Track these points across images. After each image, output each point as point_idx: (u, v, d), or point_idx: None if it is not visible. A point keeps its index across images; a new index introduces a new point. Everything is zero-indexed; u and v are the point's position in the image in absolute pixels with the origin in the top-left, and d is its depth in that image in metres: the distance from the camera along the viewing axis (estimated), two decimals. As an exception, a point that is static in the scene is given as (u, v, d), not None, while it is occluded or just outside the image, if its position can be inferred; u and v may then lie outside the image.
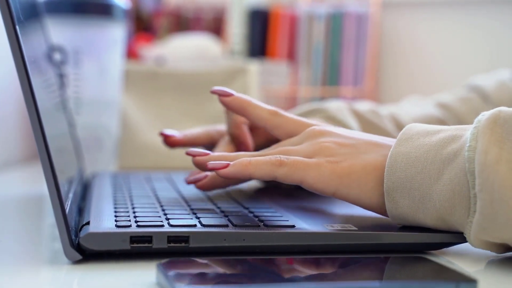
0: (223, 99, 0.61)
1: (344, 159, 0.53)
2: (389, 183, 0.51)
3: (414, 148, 0.51)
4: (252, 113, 0.60)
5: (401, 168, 0.51)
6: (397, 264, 0.46)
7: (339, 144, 0.55)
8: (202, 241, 0.48)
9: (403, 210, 0.51)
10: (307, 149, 0.55)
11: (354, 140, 0.55)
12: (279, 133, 0.60)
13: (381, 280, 0.41)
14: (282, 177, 0.52)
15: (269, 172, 0.52)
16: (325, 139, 0.55)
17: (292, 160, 0.53)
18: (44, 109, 0.48)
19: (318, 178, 0.52)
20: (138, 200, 0.60)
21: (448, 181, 0.49)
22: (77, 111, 0.91)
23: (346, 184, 0.52)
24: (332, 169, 0.52)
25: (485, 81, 0.88)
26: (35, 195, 0.79)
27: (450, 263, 0.49)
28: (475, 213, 0.47)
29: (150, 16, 2.30)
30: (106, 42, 0.91)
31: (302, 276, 0.41)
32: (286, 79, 2.71)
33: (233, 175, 0.53)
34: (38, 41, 0.63)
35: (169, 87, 1.17)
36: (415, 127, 0.53)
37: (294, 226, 0.51)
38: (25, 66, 0.44)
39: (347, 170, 0.52)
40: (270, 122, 0.60)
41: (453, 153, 0.49)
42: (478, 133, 0.48)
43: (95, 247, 0.46)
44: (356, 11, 2.83)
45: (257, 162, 0.53)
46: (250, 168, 0.52)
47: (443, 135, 0.51)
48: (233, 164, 0.53)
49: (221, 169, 0.53)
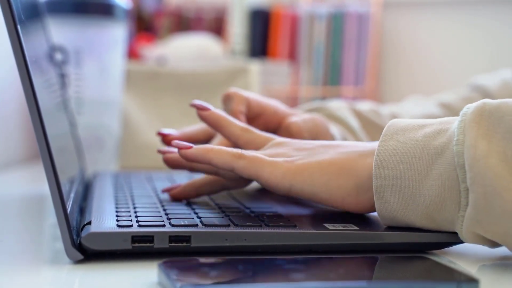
0: (200, 113, 0.63)
1: (300, 159, 0.55)
2: (377, 182, 0.51)
3: (401, 144, 0.51)
4: (226, 128, 0.62)
5: (389, 166, 0.51)
6: (398, 264, 0.46)
7: (298, 149, 0.57)
8: (204, 240, 0.48)
9: (393, 208, 0.51)
10: (268, 152, 0.57)
11: (312, 145, 0.57)
12: (250, 148, 0.62)
13: (382, 280, 0.41)
14: (240, 169, 0.55)
15: (229, 162, 0.55)
16: (286, 147, 0.58)
17: (252, 155, 0.55)
18: (45, 109, 0.48)
19: (273, 174, 0.54)
20: (140, 200, 0.60)
21: (438, 176, 0.49)
22: (78, 111, 0.91)
23: (300, 180, 0.54)
24: (288, 167, 0.54)
25: (488, 81, 0.88)
26: (36, 194, 0.79)
27: (451, 262, 0.49)
28: (466, 207, 0.48)
29: (151, 16, 2.31)
30: (107, 42, 0.91)
31: (303, 275, 0.41)
32: (287, 79, 2.71)
33: (193, 156, 0.55)
34: (39, 41, 0.63)
35: (170, 87, 1.17)
36: (399, 122, 0.54)
37: (295, 225, 0.51)
38: (26, 66, 0.44)
39: (302, 167, 0.54)
40: (242, 138, 0.62)
41: (441, 147, 0.49)
42: (465, 127, 0.48)
43: (97, 246, 0.46)
44: (357, 11, 2.83)
45: (219, 150, 0.55)
46: (211, 154, 0.55)
47: (428, 129, 0.51)
48: (196, 147, 0.56)
49: (184, 148, 0.56)
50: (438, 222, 0.50)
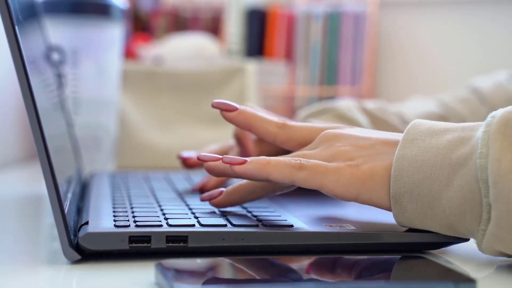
0: (226, 115, 0.57)
1: (363, 162, 0.51)
2: (395, 189, 0.49)
3: (421, 151, 0.49)
4: (259, 128, 0.57)
5: (408, 173, 0.49)
6: (396, 264, 0.46)
7: (356, 146, 0.52)
8: (201, 241, 0.48)
9: (410, 215, 0.49)
10: (325, 153, 0.53)
11: (371, 141, 0.53)
12: (291, 145, 0.57)
13: (380, 280, 0.41)
14: (301, 181, 0.50)
15: (288, 174, 0.50)
16: (342, 142, 0.53)
17: (312, 164, 0.50)
18: (42, 109, 0.48)
19: (338, 183, 0.50)
20: (137, 200, 0.60)
21: (459, 187, 0.47)
22: (76, 111, 0.91)
23: (369, 188, 0.50)
24: (353, 173, 0.50)
25: (483, 83, 0.88)
26: (33, 195, 0.79)
27: (449, 263, 0.49)
28: (488, 222, 0.46)
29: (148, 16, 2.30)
30: (104, 42, 0.91)
31: (301, 276, 0.41)
32: (283, 79, 2.71)
33: (250, 173, 0.50)
34: (36, 41, 0.63)
35: (167, 87, 1.17)
36: (419, 125, 0.51)
37: (292, 225, 0.51)
38: (24, 66, 0.44)
39: (368, 173, 0.50)
40: (280, 136, 0.57)
41: (463, 158, 0.47)
42: (489, 139, 0.46)
43: (94, 247, 0.46)
44: (353, 10, 2.83)
45: (277, 163, 0.50)
46: (269, 168, 0.50)
47: (450, 136, 0.49)
48: (250, 161, 0.50)
49: (238, 164, 0.50)
50: (458, 230, 0.48)
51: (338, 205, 0.64)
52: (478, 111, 0.84)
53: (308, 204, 0.62)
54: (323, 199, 0.66)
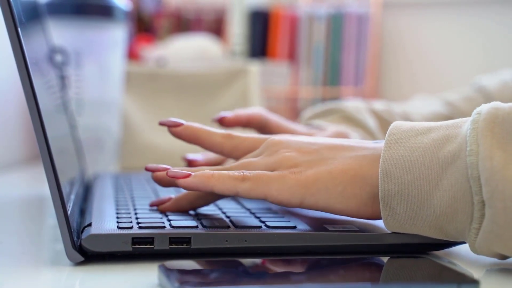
0: (173, 130, 0.60)
1: (308, 167, 0.51)
2: (384, 191, 0.49)
3: (407, 151, 0.49)
4: (206, 140, 0.59)
5: (396, 175, 0.49)
6: (399, 265, 0.46)
7: (301, 152, 0.53)
8: (204, 242, 0.48)
9: (400, 218, 0.49)
10: (269, 160, 0.53)
11: (315, 146, 0.53)
12: (237, 155, 0.58)
13: (383, 281, 0.41)
14: (245, 192, 0.51)
15: (232, 186, 0.51)
16: (286, 148, 0.54)
17: (255, 174, 0.51)
18: (45, 111, 0.48)
19: (282, 191, 0.51)
20: (140, 201, 0.60)
21: (449, 186, 0.47)
22: (78, 112, 0.91)
23: (313, 192, 0.50)
24: (297, 180, 0.51)
25: (489, 81, 0.88)
26: (36, 196, 0.79)
27: (451, 263, 0.49)
28: (481, 219, 0.46)
29: (151, 17, 2.30)
30: (107, 44, 0.91)
31: (303, 277, 0.41)
32: (286, 80, 2.71)
33: (194, 186, 0.51)
34: (39, 43, 0.63)
35: (170, 88, 1.17)
36: (401, 125, 0.51)
37: (295, 227, 0.51)
38: (27, 67, 0.44)
39: (312, 178, 0.51)
40: (226, 146, 0.58)
41: (451, 156, 0.47)
42: (478, 136, 0.46)
43: (97, 248, 0.46)
44: (356, 11, 2.83)
45: (220, 176, 0.51)
46: (212, 181, 0.51)
47: (435, 134, 0.49)
48: (195, 175, 0.51)
49: (182, 178, 0.51)
50: (447, 232, 0.48)
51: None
52: None
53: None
54: None
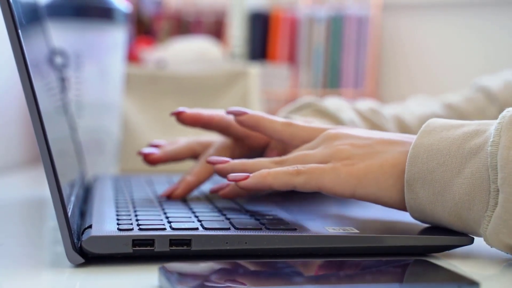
0: (238, 118, 0.62)
1: (360, 160, 0.54)
2: (409, 174, 0.51)
3: (437, 141, 0.51)
4: (266, 127, 0.62)
5: (423, 160, 0.51)
6: (399, 267, 0.46)
7: (354, 145, 0.55)
8: (204, 244, 0.48)
9: (422, 201, 0.51)
10: (323, 152, 0.56)
11: (369, 140, 0.56)
12: (295, 142, 0.61)
13: (383, 283, 0.41)
14: (301, 186, 0.54)
15: (287, 181, 0.54)
16: (340, 141, 0.56)
17: (309, 168, 0.54)
18: (46, 112, 0.48)
19: (335, 182, 0.53)
20: (140, 203, 0.60)
21: (470, 174, 0.49)
22: (79, 114, 0.91)
23: (364, 185, 0.53)
24: (349, 171, 0.53)
25: (491, 81, 0.88)
26: (37, 198, 0.79)
27: (452, 265, 0.49)
28: (494, 207, 0.48)
29: (151, 20, 2.31)
30: (107, 46, 0.92)
31: (303, 279, 0.41)
32: (286, 82, 2.71)
33: (253, 187, 0.55)
34: (39, 45, 0.63)
35: (170, 90, 1.17)
36: (439, 120, 0.54)
37: (295, 229, 0.51)
38: (27, 69, 0.44)
39: (364, 171, 0.53)
40: (285, 133, 0.61)
41: (476, 147, 0.49)
42: (502, 129, 0.48)
43: (97, 250, 0.46)
44: (356, 13, 2.83)
45: (276, 173, 0.54)
46: (269, 179, 0.54)
47: (466, 129, 0.51)
48: (252, 176, 0.55)
49: (241, 180, 0.55)
50: (465, 221, 0.50)
51: (341, 208, 0.64)
52: (485, 109, 0.85)
53: (311, 207, 0.62)
54: (326, 202, 0.66)
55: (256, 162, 0.58)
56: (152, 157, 0.70)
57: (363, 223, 0.55)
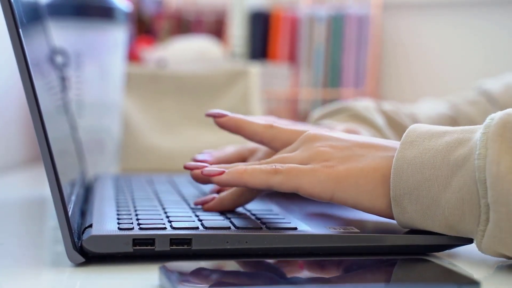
0: (217, 121, 0.61)
1: (340, 163, 0.52)
2: (395, 190, 0.50)
3: (420, 153, 0.50)
4: (247, 129, 0.60)
5: (408, 175, 0.49)
6: (400, 266, 0.46)
7: (335, 147, 0.54)
8: (205, 243, 0.48)
9: (411, 216, 0.50)
10: (303, 154, 0.54)
11: (349, 143, 0.54)
12: (275, 145, 0.59)
13: (384, 282, 0.41)
14: (277, 185, 0.52)
15: (264, 180, 0.52)
16: (320, 143, 0.55)
17: (287, 168, 0.52)
18: (46, 112, 0.48)
19: (314, 184, 0.51)
20: (140, 203, 0.60)
21: (457, 189, 0.48)
22: (79, 114, 0.91)
23: (344, 188, 0.51)
24: (328, 174, 0.52)
25: (492, 85, 0.88)
26: (37, 197, 0.79)
27: (452, 265, 0.49)
28: (487, 222, 0.47)
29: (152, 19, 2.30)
30: (107, 45, 0.92)
31: (304, 278, 0.41)
32: (287, 81, 2.71)
33: (228, 182, 0.53)
34: (40, 44, 0.63)
35: (171, 90, 1.17)
36: (418, 128, 0.52)
37: (296, 228, 0.51)
38: (28, 69, 0.44)
39: (344, 174, 0.52)
40: (266, 135, 0.60)
41: (461, 159, 0.48)
42: (487, 140, 0.46)
43: (98, 249, 0.46)
44: (357, 13, 2.83)
45: (253, 170, 0.53)
46: (245, 176, 0.53)
47: (449, 138, 0.50)
48: (228, 172, 0.53)
49: (216, 175, 0.53)
50: (458, 230, 0.49)
51: (341, 207, 0.64)
52: (487, 112, 0.85)
53: (312, 207, 0.62)
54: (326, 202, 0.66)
55: (236, 163, 0.56)
56: None
57: (363, 223, 0.55)
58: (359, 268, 0.44)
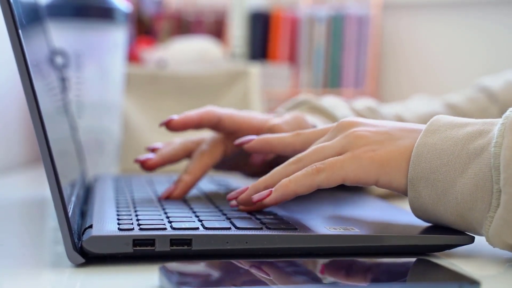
0: (246, 147, 0.62)
1: (380, 147, 0.53)
2: (413, 173, 0.51)
3: (441, 140, 0.51)
4: (277, 145, 0.61)
5: (426, 159, 0.51)
6: (400, 266, 0.46)
7: (372, 132, 0.54)
8: (205, 243, 0.48)
9: (424, 201, 0.51)
10: (341, 141, 0.54)
11: (386, 127, 0.55)
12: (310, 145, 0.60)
13: (384, 283, 0.41)
14: (325, 183, 0.53)
15: (310, 183, 0.53)
16: (357, 128, 0.55)
17: (329, 163, 0.53)
18: (46, 113, 0.48)
19: (358, 171, 0.52)
20: (141, 203, 0.60)
21: (473, 175, 0.49)
22: (79, 115, 0.91)
23: (387, 172, 0.52)
24: (371, 158, 0.52)
25: (492, 82, 0.88)
26: (37, 198, 0.79)
27: (452, 265, 0.49)
28: (497, 208, 0.48)
29: (152, 20, 2.30)
30: (107, 46, 0.92)
31: (304, 278, 0.41)
32: (287, 82, 2.71)
33: (279, 199, 0.54)
34: (40, 45, 0.63)
35: (171, 90, 1.17)
36: (443, 118, 0.53)
37: (296, 228, 0.51)
38: (27, 70, 0.44)
39: (386, 157, 0.52)
40: (298, 143, 0.60)
41: (480, 148, 0.49)
42: (505, 129, 0.48)
43: (98, 250, 0.46)
44: (356, 13, 2.83)
45: (296, 178, 0.53)
46: (291, 187, 0.53)
47: (470, 128, 0.51)
48: (275, 190, 0.54)
49: (266, 198, 0.54)
50: (467, 220, 0.50)
51: (341, 207, 0.64)
52: (486, 109, 0.85)
53: (312, 207, 0.62)
54: (327, 202, 0.66)
55: (274, 173, 0.56)
56: (149, 163, 0.69)
57: (363, 223, 0.55)
58: (359, 268, 0.44)
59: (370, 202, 0.68)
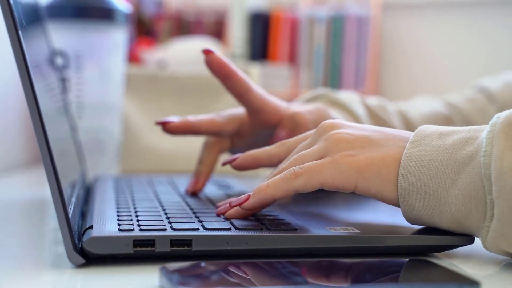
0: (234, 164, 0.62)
1: (360, 152, 0.52)
2: (403, 187, 0.50)
3: (428, 151, 0.50)
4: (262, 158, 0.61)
5: (415, 172, 0.50)
6: (400, 267, 0.46)
7: (353, 135, 0.53)
8: (205, 244, 0.48)
9: (418, 213, 0.51)
10: (320, 146, 0.54)
11: (367, 132, 0.54)
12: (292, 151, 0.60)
13: (384, 283, 0.41)
14: (302, 187, 0.52)
15: (288, 187, 0.52)
16: (338, 130, 0.54)
17: (307, 167, 0.52)
18: (46, 113, 0.48)
19: (336, 176, 0.51)
20: (141, 204, 0.60)
21: (464, 185, 0.48)
22: (79, 115, 0.91)
23: (366, 177, 0.51)
24: (349, 163, 0.51)
25: (491, 82, 0.88)
26: (38, 199, 0.79)
27: (452, 265, 0.49)
28: (492, 218, 0.47)
29: (152, 20, 2.30)
30: (108, 46, 0.92)
31: (304, 279, 0.41)
32: (287, 82, 2.71)
33: (257, 204, 0.53)
34: (40, 46, 0.63)
35: (171, 91, 1.17)
36: (427, 128, 0.53)
37: (296, 229, 0.51)
38: (27, 70, 0.44)
39: (365, 163, 0.51)
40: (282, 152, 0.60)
41: (468, 156, 0.49)
42: (493, 138, 0.47)
43: (98, 251, 0.46)
44: (356, 13, 2.83)
45: (274, 183, 0.53)
46: (269, 191, 0.53)
47: (456, 136, 0.50)
48: (253, 194, 0.53)
49: (244, 202, 0.53)
50: (464, 226, 0.49)
51: (341, 208, 0.64)
52: (485, 110, 0.85)
53: (312, 208, 0.62)
54: (327, 202, 0.66)
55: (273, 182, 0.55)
56: (171, 124, 0.68)
57: (363, 223, 0.55)
58: (359, 268, 0.44)
59: (370, 202, 0.68)
